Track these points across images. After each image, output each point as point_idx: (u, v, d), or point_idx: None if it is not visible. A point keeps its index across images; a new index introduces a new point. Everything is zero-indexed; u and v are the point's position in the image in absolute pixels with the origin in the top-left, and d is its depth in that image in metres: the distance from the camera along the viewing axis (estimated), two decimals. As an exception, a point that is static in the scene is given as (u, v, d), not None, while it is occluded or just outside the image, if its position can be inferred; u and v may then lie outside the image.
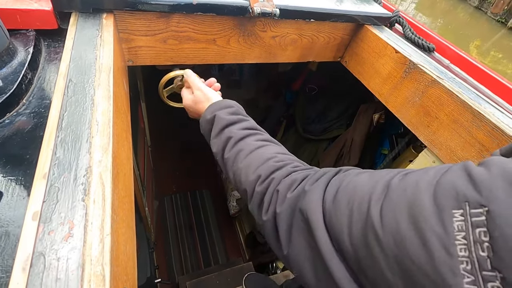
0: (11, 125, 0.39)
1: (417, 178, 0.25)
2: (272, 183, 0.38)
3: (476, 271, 0.18)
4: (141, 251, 1.15)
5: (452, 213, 0.20)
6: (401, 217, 0.23)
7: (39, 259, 0.25)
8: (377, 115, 1.16)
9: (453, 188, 0.21)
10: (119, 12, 0.58)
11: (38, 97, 0.44)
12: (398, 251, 0.22)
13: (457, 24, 9.30)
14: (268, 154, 0.43)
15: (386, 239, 0.23)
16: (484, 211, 0.19)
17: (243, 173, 0.42)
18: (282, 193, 0.36)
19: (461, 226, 0.20)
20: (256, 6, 0.64)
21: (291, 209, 0.34)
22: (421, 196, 0.23)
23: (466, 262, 0.19)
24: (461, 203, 0.20)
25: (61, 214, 0.28)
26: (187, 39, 0.69)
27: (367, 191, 0.28)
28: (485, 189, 0.20)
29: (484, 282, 0.18)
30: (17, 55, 0.48)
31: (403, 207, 0.23)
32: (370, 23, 0.83)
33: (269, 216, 0.37)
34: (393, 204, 0.24)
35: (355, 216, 0.27)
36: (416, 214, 0.22)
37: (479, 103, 0.61)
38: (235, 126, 0.48)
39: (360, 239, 0.25)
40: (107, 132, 0.37)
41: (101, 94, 0.41)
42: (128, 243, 0.37)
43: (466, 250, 0.19)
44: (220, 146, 0.48)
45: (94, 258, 0.26)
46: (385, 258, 0.23)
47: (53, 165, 0.32)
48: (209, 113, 0.52)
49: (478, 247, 0.18)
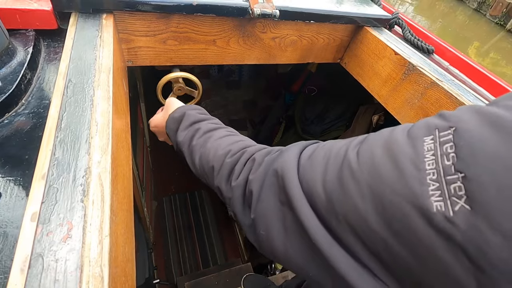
0: (10, 125, 0.39)
1: (395, 127, 0.26)
2: (245, 154, 0.38)
3: (441, 178, 0.19)
4: (139, 252, 1.15)
5: (423, 139, 0.22)
6: (377, 150, 0.24)
7: (37, 260, 0.25)
8: (376, 116, 1.16)
9: (425, 122, 0.23)
10: (119, 13, 0.58)
11: (37, 97, 0.44)
12: (371, 178, 0.23)
13: (456, 26, 9.34)
14: (238, 138, 0.44)
15: (360, 170, 0.24)
16: (452, 130, 0.21)
17: (212, 151, 0.42)
18: (259, 159, 0.36)
19: (431, 147, 0.21)
20: (256, 7, 0.64)
21: (266, 171, 0.33)
22: (396, 134, 0.24)
23: (433, 173, 0.20)
24: (432, 130, 0.22)
25: (59, 215, 0.28)
26: (187, 39, 0.69)
27: (343, 144, 0.28)
28: (454, 116, 0.22)
29: (447, 185, 0.19)
30: (16, 55, 0.48)
31: (379, 143, 0.25)
32: (370, 25, 0.84)
33: (239, 182, 0.36)
34: (369, 144, 0.25)
35: (331, 164, 0.27)
36: (390, 146, 0.23)
37: (478, 105, 0.61)
38: (204, 122, 0.49)
39: (334, 180, 0.26)
40: (106, 133, 0.37)
41: (101, 94, 0.41)
42: (127, 244, 0.37)
43: (434, 163, 0.20)
44: (189, 135, 0.48)
45: (93, 260, 0.26)
46: (357, 188, 0.23)
47: (52, 166, 0.32)
48: (178, 112, 0.52)
49: (444, 158, 0.20)
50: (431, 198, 0.19)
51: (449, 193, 0.19)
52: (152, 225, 1.52)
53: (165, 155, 2.15)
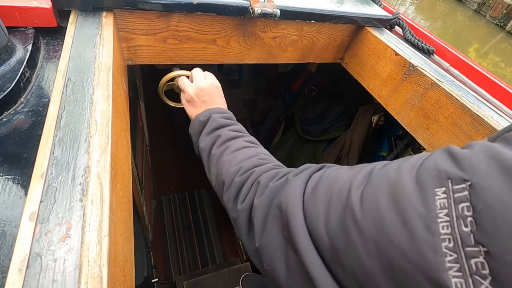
0: (8, 124, 0.39)
1: (399, 164, 0.24)
2: (253, 175, 0.38)
3: (459, 248, 0.17)
4: (138, 251, 1.14)
5: (434, 192, 0.19)
6: (382, 197, 0.22)
7: (35, 260, 0.25)
8: (376, 116, 1.16)
9: (435, 168, 0.21)
10: (119, 11, 0.58)
11: (36, 95, 0.44)
12: (376, 232, 0.21)
13: (456, 27, 9.34)
14: (253, 152, 0.45)
15: (365, 221, 0.22)
16: (467, 185, 0.18)
17: (225, 166, 0.43)
18: (264, 184, 0.35)
19: (444, 203, 0.19)
20: (257, 7, 0.64)
21: (270, 199, 0.33)
22: (403, 177, 0.22)
23: (449, 240, 0.18)
24: (444, 180, 0.19)
25: (58, 215, 0.28)
26: (187, 38, 0.68)
27: (347, 178, 0.27)
28: (467, 164, 0.19)
29: (467, 258, 0.17)
30: (15, 53, 0.47)
31: (384, 188, 0.22)
32: (371, 25, 0.83)
33: (245, 206, 0.36)
34: (374, 187, 0.23)
35: (334, 202, 0.25)
36: (397, 194, 0.21)
37: (479, 106, 0.61)
38: (226, 128, 0.52)
39: (337, 225, 0.24)
40: (105, 132, 0.36)
41: (100, 93, 0.41)
42: (126, 244, 0.36)
43: (449, 227, 0.18)
44: (210, 142, 0.50)
45: (92, 260, 0.25)
46: (362, 242, 0.22)
47: (51, 165, 0.32)
48: (204, 115, 0.55)
49: (461, 222, 0.17)
50: (448, 272, 0.17)
51: (470, 269, 0.16)
52: (151, 224, 1.52)
53: (164, 154, 2.14)
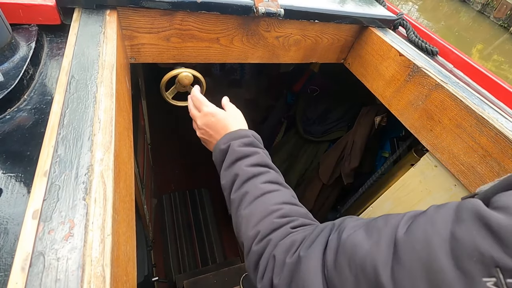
0: (12, 121, 0.39)
1: (425, 232, 0.21)
2: (269, 245, 0.36)
3: None
4: (139, 249, 1.14)
5: (483, 283, 0.17)
6: (419, 284, 0.19)
7: (38, 259, 0.25)
8: (379, 117, 1.15)
9: (475, 249, 0.18)
10: (122, 9, 0.58)
11: (39, 93, 0.44)
12: None
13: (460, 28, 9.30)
14: (271, 205, 0.40)
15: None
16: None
17: (243, 224, 0.41)
18: (280, 260, 0.33)
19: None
20: (261, 6, 0.64)
21: (289, 280, 0.31)
22: (437, 258, 0.19)
23: None
24: (491, 268, 0.17)
25: (61, 213, 0.28)
26: (190, 37, 0.68)
27: (368, 251, 0.24)
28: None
29: None
30: (19, 50, 0.47)
31: (419, 272, 0.20)
32: (374, 25, 0.83)
33: (264, 284, 0.34)
34: (406, 270, 0.21)
35: (362, 284, 0.23)
36: (436, 282, 0.19)
37: (483, 108, 0.60)
38: (246, 160, 0.46)
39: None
40: (109, 130, 0.36)
41: (104, 91, 0.41)
42: (128, 243, 0.36)
43: None
44: (229, 182, 0.46)
45: (95, 259, 0.25)
46: None
47: (54, 163, 0.32)
48: (223, 142, 0.50)
49: None
50: None
51: None
52: (151, 223, 1.52)
53: (165, 153, 2.14)
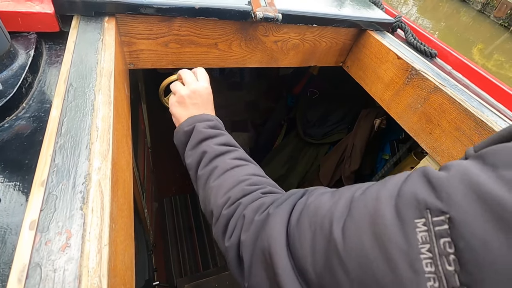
0: (10, 129, 0.39)
1: (377, 191, 0.23)
2: (239, 208, 0.37)
3: (445, 284, 0.17)
4: (140, 254, 1.14)
5: (414, 223, 0.19)
6: (364, 234, 0.21)
7: (35, 270, 0.25)
8: (379, 120, 1.15)
9: (413, 197, 0.20)
10: (121, 16, 0.58)
11: (38, 101, 0.44)
12: (362, 272, 0.21)
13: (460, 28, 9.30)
14: (241, 175, 0.41)
15: (349, 260, 0.22)
16: (446, 218, 0.18)
17: (213, 193, 0.41)
18: (249, 218, 0.34)
19: (425, 237, 0.18)
20: (259, 11, 0.64)
21: (255, 236, 0.32)
22: (382, 209, 0.21)
23: (433, 279, 0.17)
24: (423, 211, 0.19)
25: (58, 223, 0.28)
26: (188, 43, 0.68)
27: (328, 209, 0.26)
28: (444, 193, 0.19)
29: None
30: (17, 58, 0.48)
31: (366, 224, 0.22)
32: (373, 29, 0.83)
33: (232, 242, 0.34)
34: (355, 222, 0.23)
35: (318, 237, 0.25)
36: (379, 230, 0.21)
37: (482, 111, 0.60)
38: (212, 140, 0.47)
39: (323, 263, 0.23)
40: (106, 139, 0.36)
41: (102, 99, 0.41)
42: (127, 251, 0.36)
43: (432, 265, 0.17)
44: (195, 160, 0.46)
45: (91, 270, 0.25)
46: (349, 281, 0.21)
47: (51, 172, 0.32)
48: (187, 124, 0.50)
49: (444, 260, 0.17)
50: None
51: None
52: (152, 227, 1.52)
53: (166, 156, 2.14)
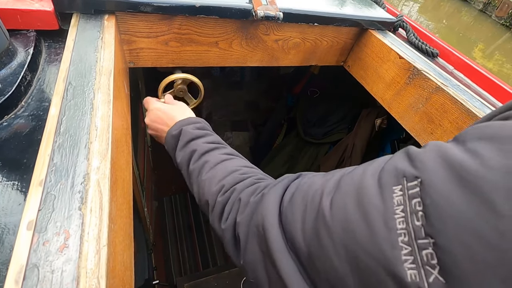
0: (9, 128, 0.39)
1: (364, 168, 0.25)
2: (234, 193, 0.38)
3: (412, 241, 0.18)
4: (139, 253, 1.14)
5: (392, 189, 0.21)
6: (349, 201, 0.23)
7: (33, 271, 0.24)
8: (379, 120, 1.15)
9: (393, 168, 0.22)
10: (120, 14, 0.58)
11: (37, 99, 0.43)
12: (345, 235, 0.22)
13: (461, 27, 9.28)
14: (233, 166, 0.43)
15: (334, 225, 0.23)
16: (418, 182, 0.20)
17: (206, 185, 0.42)
18: (245, 200, 0.35)
19: (400, 200, 0.20)
20: (260, 10, 0.64)
21: (251, 215, 0.33)
22: (366, 180, 0.23)
23: (404, 234, 0.19)
24: (400, 178, 0.21)
25: (56, 224, 0.28)
26: (189, 41, 0.68)
27: (320, 185, 0.28)
28: (419, 162, 0.21)
29: (419, 250, 0.18)
30: (16, 56, 0.47)
31: (351, 194, 0.24)
32: (374, 28, 0.83)
33: (228, 224, 0.36)
34: (342, 193, 0.25)
35: (308, 210, 0.26)
36: (361, 196, 0.22)
37: (484, 111, 0.60)
38: (201, 139, 0.49)
39: (311, 231, 0.25)
40: (106, 138, 0.36)
41: (101, 98, 0.40)
42: (126, 252, 0.36)
43: (404, 222, 0.19)
44: (185, 158, 0.48)
45: (90, 271, 0.25)
46: (333, 246, 0.22)
47: (50, 172, 0.31)
48: (175, 129, 0.53)
49: (414, 217, 0.19)
50: (404, 265, 0.18)
51: (422, 260, 0.17)
52: (152, 226, 1.52)
53: (166, 155, 2.13)
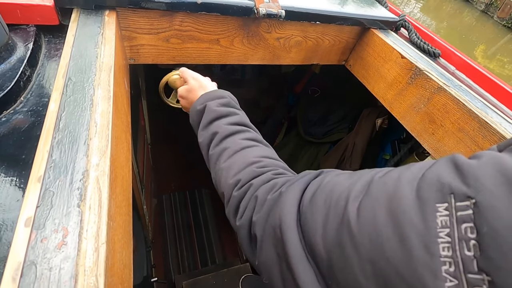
0: (7, 123, 0.38)
1: (400, 173, 0.23)
2: (251, 189, 0.36)
3: (460, 274, 0.16)
4: (138, 250, 1.14)
5: (435, 207, 0.18)
6: (379, 211, 0.21)
7: (30, 269, 0.24)
8: (380, 120, 1.14)
9: (437, 180, 0.19)
10: (121, 9, 0.57)
11: (36, 94, 0.43)
12: (373, 249, 0.20)
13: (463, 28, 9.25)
14: (252, 157, 0.40)
15: (361, 237, 0.21)
16: (471, 203, 0.17)
17: (223, 175, 0.41)
18: (262, 198, 0.33)
19: (445, 222, 0.17)
20: (262, 7, 0.63)
21: (267, 214, 0.31)
22: (402, 189, 0.20)
23: (449, 263, 0.16)
24: (446, 195, 0.18)
25: (55, 221, 0.27)
26: (190, 38, 0.68)
27: (346, 187, 0.25)
28: (473, 179, 0.17)
29: (469, 286, 0.16)
30: (16, 51, 0.47)
31: (383, 201, 0.21)
32: (376, 27, 0.82)
33: (243, 222, 0.34)
34: (371, 200, 0.22)
35: (331, 214, 0.24)
36: (395, 208, 0.20)
37: (486, 112, 0.59)
38: (224, 120, 0.47)
39: (334, 239, 0.23)
40: (105, 134, 0.36)
41: (101, 94, 0.40)
42: (125, 249, 0.36)
43: (450, 249, 0.17)
44: (207, 140, 0.46)
45: (88, 269, 0.25)
46: (358, 259, 0.20)
47: (48, 168, 0.31)
48: (199, 103, 0.51)
49: (464, 245, 0.16)
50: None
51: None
52: (151, 223, 1.52)
53: (165, 153, 2.14)
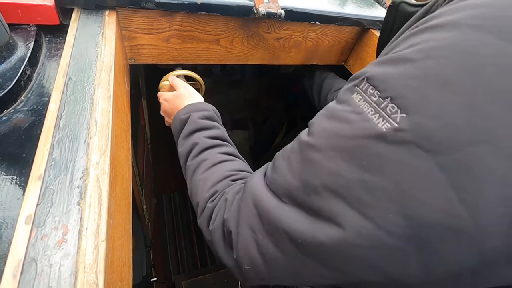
0: (8, 122, 0.39)
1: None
2: (223, 196, 0.38)
3: (377, 109, 0.24)
4: (137, 249, 1.14)
5: (352, 98, 0.27)
6: (324, 121, 0.28)
7: (30, 266, 0.24)
8: (379, 120, 1.15)
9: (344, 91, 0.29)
10: (122, 10, 0.57)
11: (37, 94, 0.43)
12: (329, 139, 0.26)
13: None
14: (228, 170, 0.43)
15: (319, 142, 0.27)
16: (365, 78, 0.26)
17: (200, 186, 0.42)
18: (231, 199, 0.36)
19: (359, 98, 0.26)
20: (261, 7, 0.63)
21: (238, 206, 0.34)
22: (332, 107, 0.29)
23: (371, 110, 0.24)
24: (353, 90, 0.27)
25: (55, 218, 0.27)
26: (190, 38, 0.68)
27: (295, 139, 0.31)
28: (359, 73, 0.28)
29: (383, 110, 0.23)
30: (17, 51, 0.47)
31: (324, 117, 0.29)
32: (376, 27, 0.83)
33: (216, 225, 0.36)
34: (316, 122, 0.29)
35: (292, 158, 0.29)
36: (333, 114, 0.28)
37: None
38: (204, 132, 0.50)
39: (301, 167, 0.28)
40: (105, 133, 0.36)
41: (101, 93, 0.40)
42: (124, 248, 0.36)
43: (367, 105, 0.25)
44: (186, 150, 0.49)
45: (88, 266, 0.25)
46: (324, 155, 0.26)
47: (49, 166, 0.31)
48: (184, 112, 0.53)
49: (371, 97, 0.24)
50: (378, 125, 0.23)
51: (387, 114, 0.23)
52: (151, 223, 1.52)
53: (165, 153, 2.14)
